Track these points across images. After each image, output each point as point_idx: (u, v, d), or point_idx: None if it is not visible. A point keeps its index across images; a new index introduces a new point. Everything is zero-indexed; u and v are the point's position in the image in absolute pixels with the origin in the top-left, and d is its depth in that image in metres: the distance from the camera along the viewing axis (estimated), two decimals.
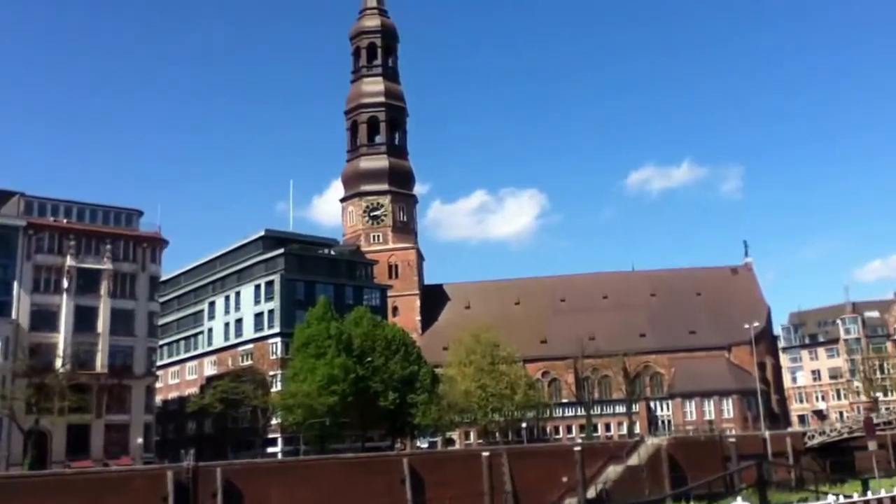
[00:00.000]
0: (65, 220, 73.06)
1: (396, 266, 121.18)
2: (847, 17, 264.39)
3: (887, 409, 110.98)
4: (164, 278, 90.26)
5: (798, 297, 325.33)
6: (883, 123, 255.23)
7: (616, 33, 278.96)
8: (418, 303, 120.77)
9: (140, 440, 70.60)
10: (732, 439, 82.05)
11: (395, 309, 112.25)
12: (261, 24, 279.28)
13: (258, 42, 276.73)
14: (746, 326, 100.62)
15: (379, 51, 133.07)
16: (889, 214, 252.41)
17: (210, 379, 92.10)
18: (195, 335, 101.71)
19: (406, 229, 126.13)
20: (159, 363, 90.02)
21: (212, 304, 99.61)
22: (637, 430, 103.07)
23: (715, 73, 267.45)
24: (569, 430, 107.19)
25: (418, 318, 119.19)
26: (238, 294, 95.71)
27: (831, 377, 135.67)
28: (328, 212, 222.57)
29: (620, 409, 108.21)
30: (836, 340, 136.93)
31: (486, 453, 65.58)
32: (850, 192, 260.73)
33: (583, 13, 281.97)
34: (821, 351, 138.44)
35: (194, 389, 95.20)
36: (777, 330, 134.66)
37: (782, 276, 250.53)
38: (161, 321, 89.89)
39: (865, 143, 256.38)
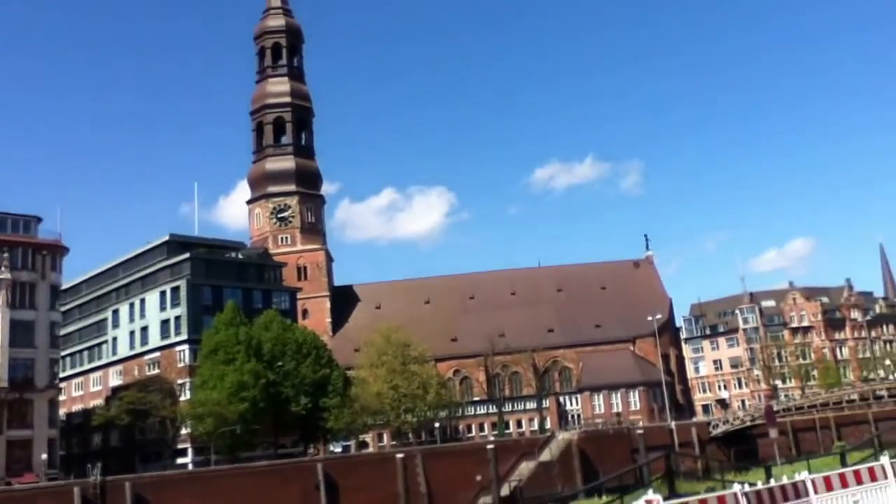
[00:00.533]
0: None
1: (305, 268, 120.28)
2: (737, 15, 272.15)
3: (786, 396, 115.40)
4: (65, 286, 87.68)
5: (699, 288, 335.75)
6: (777, 117, 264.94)
7: (518, 29, 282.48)
8: (328, 305, 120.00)
9: (44, 456, 68.49)
10: (640, 431, 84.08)
11: (304, 311, 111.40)
12: (161, 19, 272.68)
13: (157, 40, 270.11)
14: (650, 319, 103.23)
15: (284, 50, 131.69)
16: (783, 205, 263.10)
17: (116, 390, 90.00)
18: (99, 345, 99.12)
19: (314, 230, 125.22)
20: (62, 375, 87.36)
21: (116, 312, 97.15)
22: (548, 425, 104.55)
23: (615, 69, 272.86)
24: (481, 428, 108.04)
25: (329, 320, 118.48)
26: (143, 301, 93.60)
27: (732, 366, 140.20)
28: (235, 214, 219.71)
29: (531, 405, 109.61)
30: (735, 330, 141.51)
31: (400, 455, 65.89)
32: (745, 183, 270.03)
33: (486, 9, 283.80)
34: (721, 341, 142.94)
35: (100, 401, 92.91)
36: (679, 321, 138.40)
37: (683, 268, 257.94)
38: (63, 331, 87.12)
39: (760, 135, 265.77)
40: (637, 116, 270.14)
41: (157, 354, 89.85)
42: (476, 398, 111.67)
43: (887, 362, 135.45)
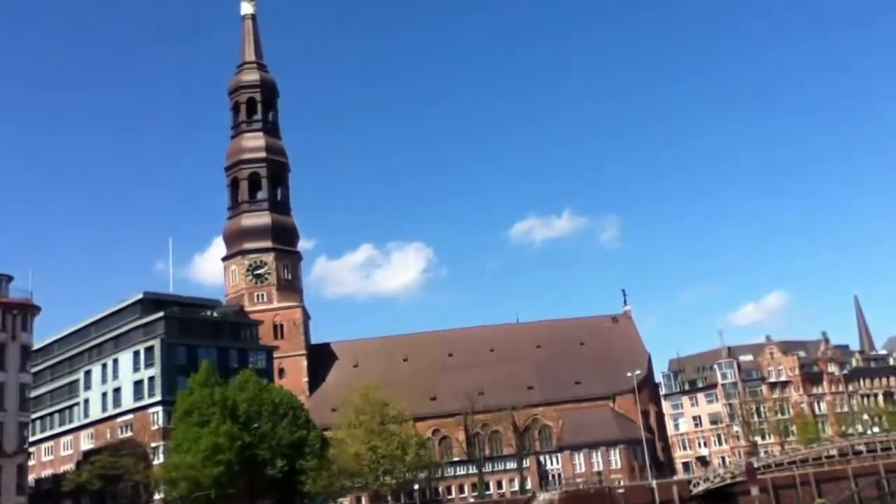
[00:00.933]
0: None
1: (282, 326, 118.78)
2: (709, 76, 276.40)
3: (766, 452, 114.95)
4: (36, 347, 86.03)
5: (677, 342, 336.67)
6: (752, 171, 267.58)
7: (495, 84, 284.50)
8: (305, 363, 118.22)
9: None
10: (621, 490, 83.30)
11: (281, 371, 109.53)
12: (136, 72, 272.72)
13: (131, 93, 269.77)
14: (629, 375, 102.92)
15: (259, 106, 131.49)
16: (760, 259, 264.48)
17: (87, 454, 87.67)
18: (70, 407, 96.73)
19: (291, 287, 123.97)
20: (32, 439, 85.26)
21: (88, 372, 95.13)
22: (529, 485, 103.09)
23: (590, 124, 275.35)
24: (461, 489, 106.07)
25: (306, 379, 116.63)
26: (116, 361, 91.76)
27: (711, 422, 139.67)
28: (210, 270, 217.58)
29: (511, 464, 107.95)
30: (713, 386, 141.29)
31: None
32: (722, 237, 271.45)
33: (461, 63, 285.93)
34: (700, 397, 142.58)
35: (70, 466, 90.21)
36: (658, 377, 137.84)
37: (661, 323, 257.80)
38: (33, 393, 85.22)
39: (735, 191, 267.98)
40: (614, 171, 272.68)
41: (129, 417, 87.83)
42: (456, 458, 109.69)
43: (865, 417, 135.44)
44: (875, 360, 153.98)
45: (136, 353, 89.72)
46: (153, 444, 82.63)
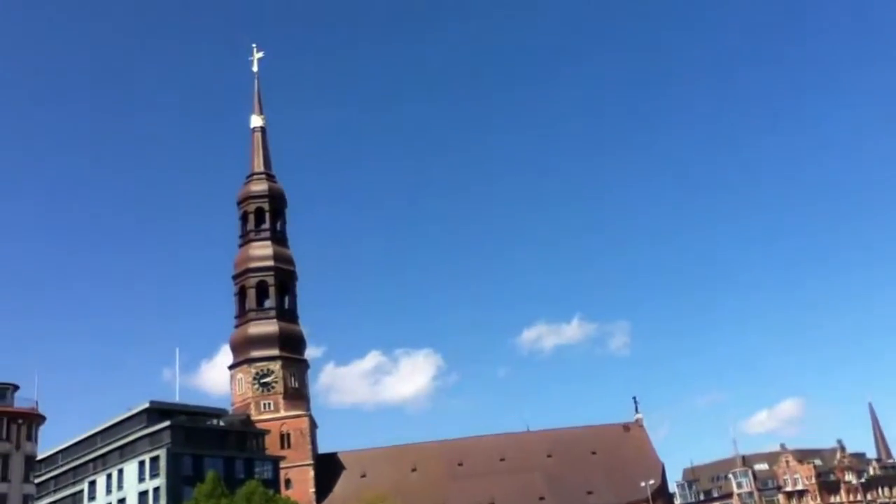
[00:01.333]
0: None
1: (289, 435, 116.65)
2: (717, 177, 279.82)
3: None
4: (40, 457, 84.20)
5: (691, 450, 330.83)
6: (761, 279, 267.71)
7: (502, 189, 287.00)
8: (312, 473, 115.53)
9: None
10: None
11: (287, 481, 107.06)
12: (143, 180, 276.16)
13: (139, 201, 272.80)
14: (642, 484, 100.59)
15: (267, 215, 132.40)
16: (773, 365, 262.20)
17: None
18: None
19: (298, 396, 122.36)
20: None
21: (92, 483, 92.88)
22: None
23: (600, 230, 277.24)
24: None
25: (313, 490, 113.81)
26: (121, 472, 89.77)
27: None
28: (217, 378, 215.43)
29: None
30: (729, 495, 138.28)
31: None
32: (734, 344, 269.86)
33: (467, 168, 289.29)
34: None
35: None
36: (672, 487, 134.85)
37: (674, 431, 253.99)
38: None
39: (746, 297, 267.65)
40: (622, 277, 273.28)
41: None
42: None
43: None
44: (892, 469, 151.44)
45: (142, 464, 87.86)
46: None
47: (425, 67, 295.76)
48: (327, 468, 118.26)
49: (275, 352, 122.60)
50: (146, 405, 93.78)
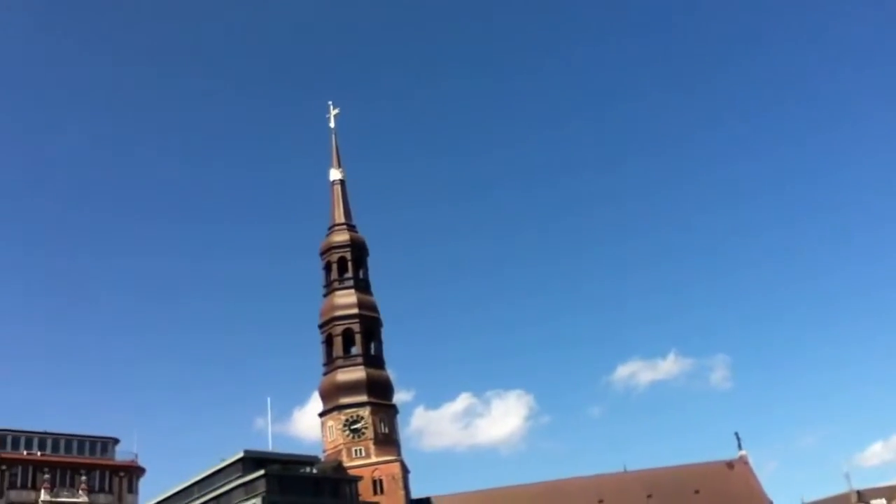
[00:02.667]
0: (39, 453, 69.50)
1: (381, 481, 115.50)
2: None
3: None
4: None
5: (801, 486, 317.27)
6: (871, 306, 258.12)
7: (589, 239, 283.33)
8: None
9: None
10: None
11: None
12: (230, 245, 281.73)
13: (226, 261, 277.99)
14: None
15: (349, 264, 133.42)
16: (887, 395, 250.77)
17: None
18: None
19: (388, 441, 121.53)
20: None
21: None
22: None
23: (694, 261, 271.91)
24: None
25: None
26: None
27: None
28: (309, 424, 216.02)
29: None
30: None
31: None
32: (843, 373, 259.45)
33: (553, 207, 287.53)
34: None
35: None
36: None
37: (782, 467, 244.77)
38: None
39: (853, 323, 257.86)
40: (720, 310, 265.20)
41: None
42: None
43: None
44: None
45: None
46: None
47: (500, 108, 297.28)
48: None
49: (363, 398, 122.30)
50: (241, 455, 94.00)
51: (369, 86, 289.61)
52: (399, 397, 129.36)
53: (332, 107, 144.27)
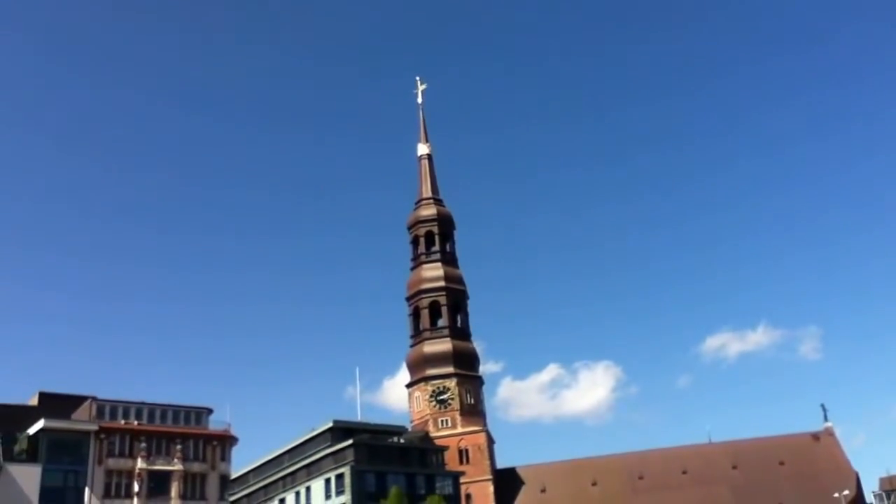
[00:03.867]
0: (135, 423, 73.24)
1: (467, 451, 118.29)
2: None
3: None
4: (233, 476, 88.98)
5: (888, 459, 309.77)
6: None
7: (673, 196, 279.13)
8: (492, 489, 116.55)
9: None
10: None
11: (468, 496, 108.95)
12: (324, 221, 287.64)
13: (321, 236, 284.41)
14: (836, 496, 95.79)
15: (436, 238, 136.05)
16: None
17: None
18: None
19: (474, 412, 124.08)
20: None
21: (282, 500, 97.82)
22: None
23: (782, 230, 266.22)
24: None
25: None
26: (308, 489, 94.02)
27: None
28: (400, 394, 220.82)
29: None
30: None
31: None
32: None
33: (639, 179, 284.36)
34: None
35: None
36: (869, 497, 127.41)
37: (871, 439, 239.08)
38: None
39: None
40: (812, 281, 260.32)
41: None
42: None
43: None
44: None
45: (328, 481, 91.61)
46: None
47: (591, 81, 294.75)
48: (507, 483, 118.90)
49: (450, 369, 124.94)
50: (330, 424, 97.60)
51: (457, 61, 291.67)
52: (488, 368, 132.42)
53: (419, 82, 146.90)
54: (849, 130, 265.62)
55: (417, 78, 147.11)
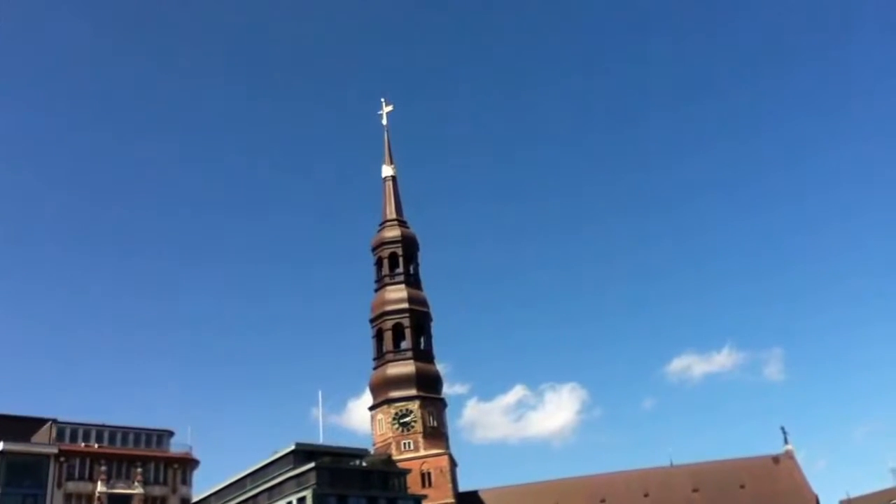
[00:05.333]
0: (96, 445, 72.65)
1: (429, 474, 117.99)
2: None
3: None
4: (194, 499, 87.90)
5: (849, 482, 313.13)
6: None
7: (643, 223, 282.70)
8: None
9: None
10: None
11: None
12: (281, 234, 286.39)
13: (283, 263, 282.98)
14: None
15: (400, 259, 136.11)
16: None
17: None
18: None
19: (437, 434, 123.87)
20: None
21: None
22: None
23: (748, 257, 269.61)
24: None
25: None
26: None
27: None
28: (364, 416, 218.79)
29: None
30: None
31: None
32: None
33: (607, 208, 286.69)
34: None
35: None
36: None
37: (833, 463, 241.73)
38: None
39: None
40: (777, 304, 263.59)
41: None
42: None
43: None
44: None
45: None
46: None
47: (553, 108, 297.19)
48: None
49: (412, 392, 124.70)
50: (292, 447, 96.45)
51: (422, 83, 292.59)
52: (455, 390, 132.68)
53: (384, 104, 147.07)
54: (814, 159, 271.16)
55: (382, 100, 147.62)
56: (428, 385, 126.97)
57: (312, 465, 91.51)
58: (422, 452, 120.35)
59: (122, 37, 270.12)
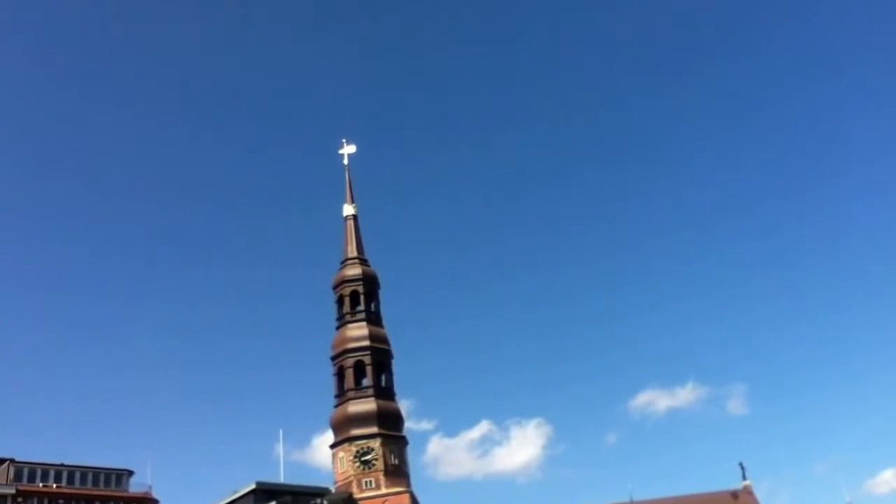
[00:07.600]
0: (54, 485, 72.25)
1: None
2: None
3: None
4: None
5: None
6: (889, 336, 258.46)
7: (610, 265, 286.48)
8: None
9: None
10: None
11: None
12: (241, 271, 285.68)
13: (240, 305, 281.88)
14: None
15: (361, 297, 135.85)
16: None
17: None
18: None
19: (398, 472, 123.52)
20: None
21: None
22: None
23: (711, 291, 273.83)
24: None
25: None
26: None
27: None
28: (327, 452, 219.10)
29: None
30: None
31: None
32: (857, 401, 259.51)
33: (572, 242, 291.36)
34: None
35: None
36: None
37: (796, 497, 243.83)
38: None
39: (869, 360, 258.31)
40: (739, 339, 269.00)
41: None
42: None
43: None
44: None
45: None
46: None
47: (519, 153, 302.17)
48: None
49: (374, 430, 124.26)
50: (252, 486, 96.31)
51: (383, 123, 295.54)
52: (420, 426, 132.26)
53: (345, 143, 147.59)
54: (766, 204, 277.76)
55: (343, 140, 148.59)
56: (389, 423, 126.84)
57: None
58: (383, 490, 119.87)
59: (75, 74, 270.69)
